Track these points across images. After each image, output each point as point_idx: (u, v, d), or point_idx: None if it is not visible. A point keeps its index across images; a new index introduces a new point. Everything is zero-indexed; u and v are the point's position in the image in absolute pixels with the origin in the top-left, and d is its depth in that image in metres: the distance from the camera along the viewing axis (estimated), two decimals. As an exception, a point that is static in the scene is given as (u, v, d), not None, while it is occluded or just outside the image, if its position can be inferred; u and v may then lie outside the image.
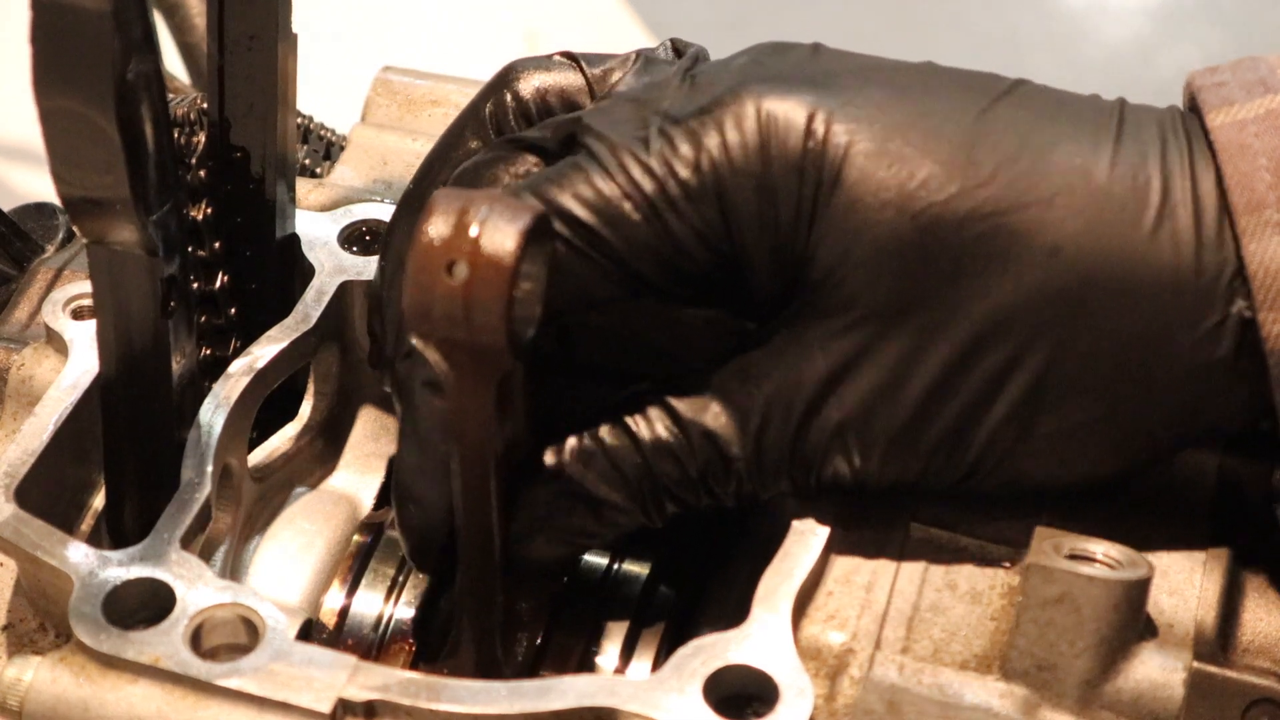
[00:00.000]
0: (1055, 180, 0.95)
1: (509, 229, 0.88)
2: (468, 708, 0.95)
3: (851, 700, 0.99)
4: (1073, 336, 0.96)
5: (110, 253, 1.01)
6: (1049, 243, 0.95)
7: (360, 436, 1.23)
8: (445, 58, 2.85)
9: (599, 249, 0.98)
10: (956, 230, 0.95)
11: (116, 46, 0.91)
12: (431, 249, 0.88)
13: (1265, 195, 0.94)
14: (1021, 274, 0.95)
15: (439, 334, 0.90)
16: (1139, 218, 0.95)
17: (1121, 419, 0.98)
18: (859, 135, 0.96)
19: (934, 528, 1.06)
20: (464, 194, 0.89)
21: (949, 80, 1.00)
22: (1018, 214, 0.95)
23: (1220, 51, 2.80)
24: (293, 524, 1.17)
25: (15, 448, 1.07)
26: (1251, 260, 0.93)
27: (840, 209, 0.95)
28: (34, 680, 0.97)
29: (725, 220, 0.97)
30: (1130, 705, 0.98)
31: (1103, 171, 0.96)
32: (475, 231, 0.87)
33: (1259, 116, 0.96)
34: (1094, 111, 0.99)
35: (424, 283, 0.88)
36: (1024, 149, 0.96)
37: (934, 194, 0.95)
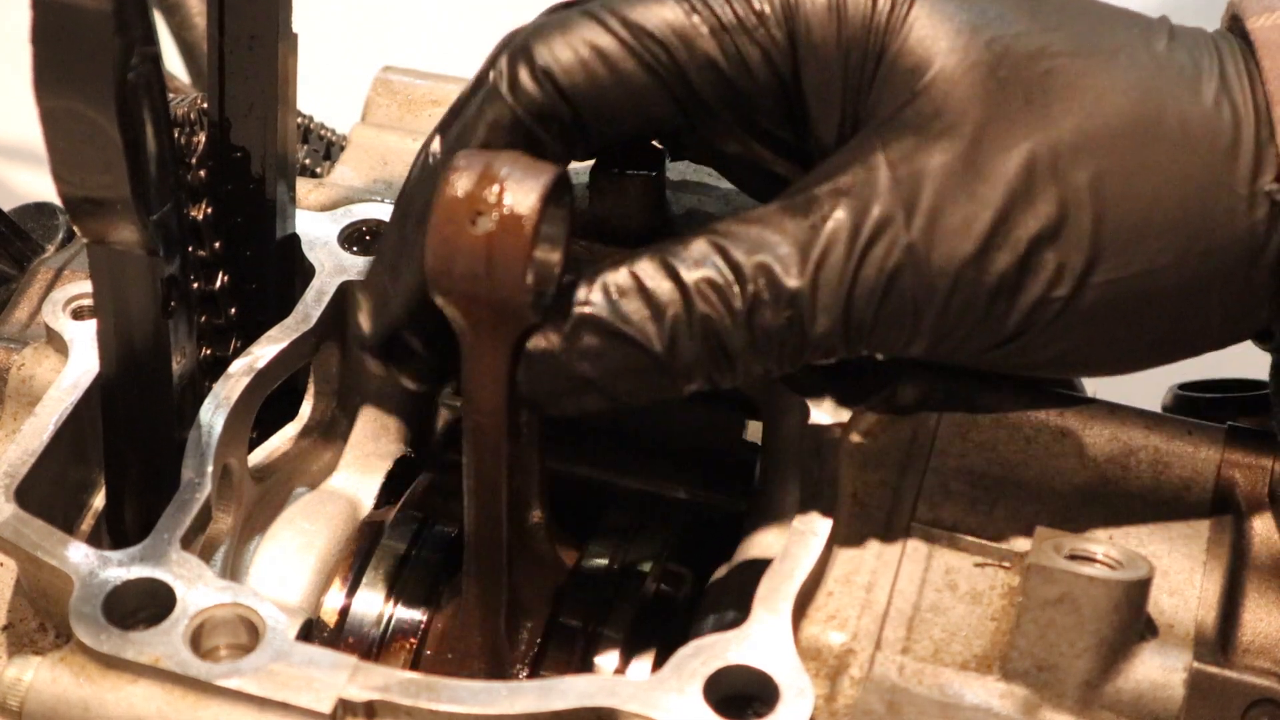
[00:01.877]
0: (1118, 41, 0.99)
1: (531, 184, 0.91)
2: (468, 708, 0.95)
3: (852, 700, 0.99)
4: (1134, 180, 0.97)
5: (111, 252, 1.01)
6: (1115, 87, 0.97)
7: (360, 436, 1.23)
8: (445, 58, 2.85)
9: (663, 64, 0.99)
10: (1026, 62, 0.97)
11: (117, 46, 0.91)
12: (456, 202, 0.91)
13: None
14: (1088, 108, 0.97)
15: (461, 288, 0.92)
16: (1198, 86, 0.98)
17: (1179, 277, 0.99)
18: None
19: (934, 528, 1.06)
20: (486, 154, 0.93)
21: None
22: (1084, 59, 0.98)
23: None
24: (293, 524, 1.17)
25: (15, 448, 1.07)
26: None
27: (912, 33, 0.97)
28: (34, 680, 0.97)
29: (793, 43, 0.99)
30: (1130, 705, 0.98)
31: (1162, 45, 0.99)
32: (498, 188, 0.91)
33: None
34: (1147, 18, 1.02)
35: (448, 235, 0.91)
36: (1088, 16, 1.00)
37: (1004, 28, 0.98)
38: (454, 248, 0.92)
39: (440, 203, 0.92)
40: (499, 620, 1.07)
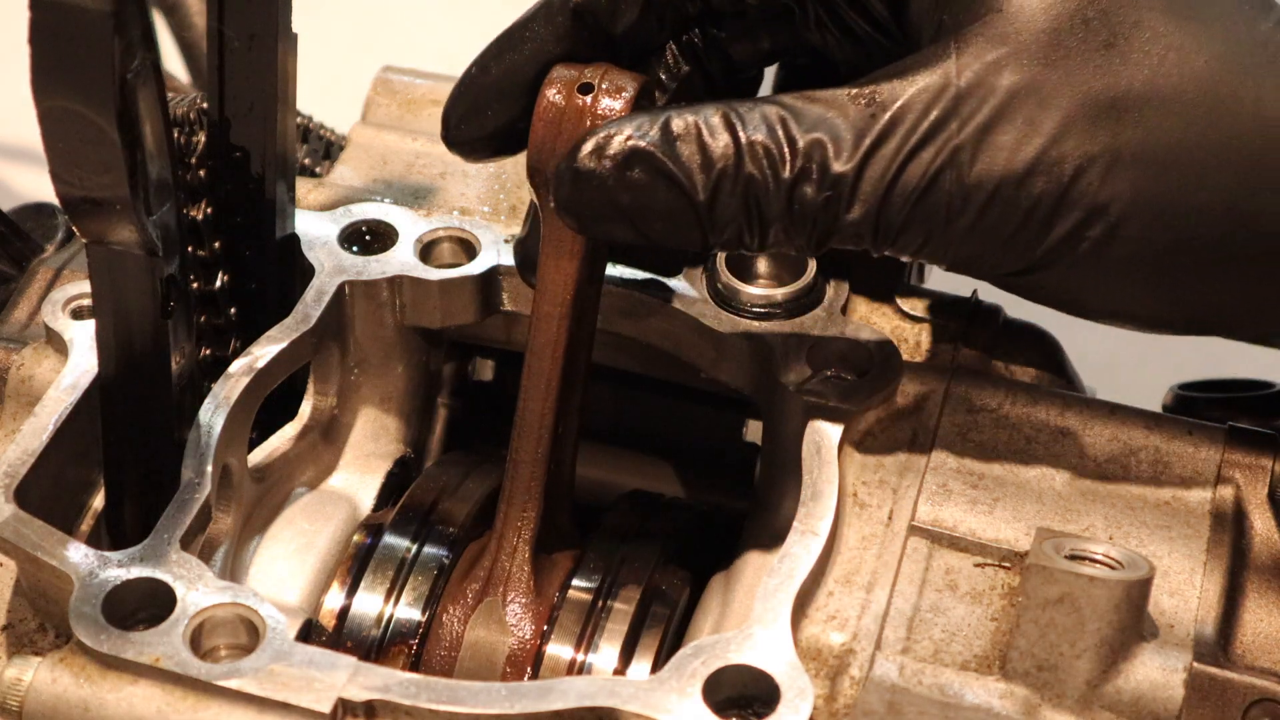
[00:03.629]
0: (1221, 10, 0.99)
1: (624, 83, 1.03)
2: (468, 708, 0.95)
3: (852, 700, 0.99)
4: (1192, 148, 0.98)
5: (110, 253, 1.01)
6: (1199, 52, 0.98)
7: (360, 436, 1.23)
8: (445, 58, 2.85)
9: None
10: (1116, 8, 0.98)
11: (117, 47, 0.91)
12: (563, 80, 1.03)
13: None
14: (1168, 69, 0.97)
15: (563, 153, 1.01)
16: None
17: (1216, 255, 0.99)
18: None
19: (934, 527, 1.06)
20: (577, 66, 1.04)
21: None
22: (1178, 20, 0.98)
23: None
24: (293, 524, 1.17)
25: (15, 448, 1.07)
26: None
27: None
28: (34, 680, 0.97)
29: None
30: (1131, 706, 0.98)
31: (1266, 26, 1.00)
32: (597, 78, 1.03)
33: None
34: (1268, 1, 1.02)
35: (555, 103, 1.03)
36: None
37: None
38: (560, 113, 1.02)
39: (547, 84, 1.03)
40: (530, 546, 1.10)
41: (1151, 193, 0.98)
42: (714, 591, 1.15)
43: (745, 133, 0.99)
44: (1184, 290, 1.01)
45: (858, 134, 0.98)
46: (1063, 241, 0.99)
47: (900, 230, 0.99)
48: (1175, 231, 0.98)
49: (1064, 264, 1.00)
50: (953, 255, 1.01)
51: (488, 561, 1.11)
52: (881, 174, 0.98)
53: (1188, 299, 1.02)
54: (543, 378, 1.09)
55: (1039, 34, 0.98)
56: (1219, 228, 0.98)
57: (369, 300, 1.19)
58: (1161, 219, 0.98)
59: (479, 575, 1.11)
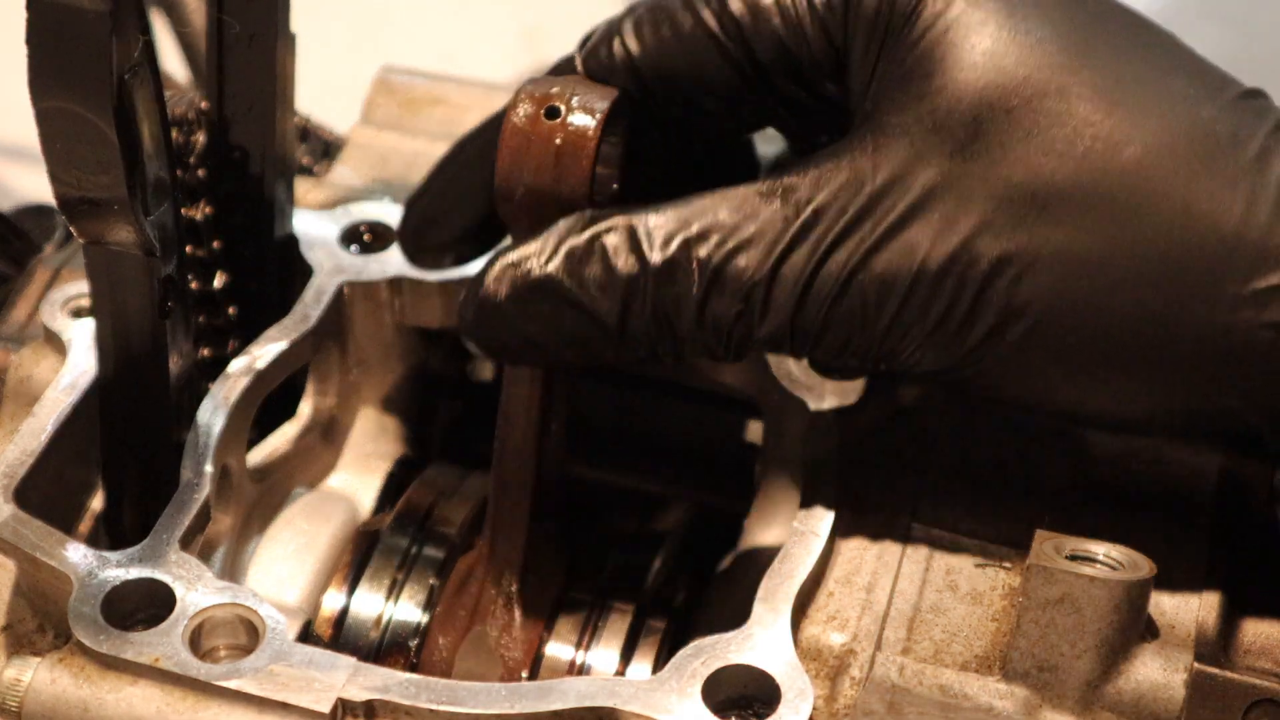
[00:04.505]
0: (1161, 96, 0.95)
1: (596, 99, 1.00)
2: (468, 708, 0.94)
3: (852, 701, 0.99)
4: (1120, 247, 0.94)
5: (107, 253, 1.00)
6: (1129, 143, 0.94)
7: (360, 436, 1.23)
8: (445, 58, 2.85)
9: (732, 35, 0.99)
10: (1044, 98, 0.94)
11: (114, 47, 0.91)
12: (530, 102, 1.00)
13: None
14: (1091, 164, 0.94)
15: (529, 183, 0.99)
16: (1227, 162, 0.94)
17: (1143, 358, 0.96)
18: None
19: (935, 528, 1.06)
20: (552, 79, 1.02)
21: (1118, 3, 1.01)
22: (1112, 107, 0.94)
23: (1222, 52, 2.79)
24: (292, 524, 1.17)
25: (14, 448, 1.07)
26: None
27: (945, 35, 0.96)
28: (33, 681, 0.97)
29: (846, 13, 0.98)
30: (1131, 706, 0.98)
31: (1211, 110, 0.96)
32: (564, 105, 1.00)
33: None
34: (1226, 78, 0.98)
35: (520, 129, 1.00)
36: (1145, 63, 0.97)
37: (1039, 57, 0.95)
38: (527, 140, 0.99)
39: (514, 104, 1.00)
40: (517, 573, 1.09)
41: (1072, 295, 0.95)
42: (714, 592, 1.15)
43: (651, 253, 0.97)
44: (1114, 391, 0.98)
45: (769, 242, 0.96)
46: (983, 341, 0.96)
47: (819, 334, 0.97)
48: (1098, 334, 0.95)
49: (986, 363, 0.97)
50: (875, 357, 0.98)
51: (475, 588, 1.10)
52: (795, 281, 0.96)
53: (1119, 400, 0.98)
54: (522, 403, 1.07)
55: (961, 124, 0.95)
56: (1142, 332, 0.95)
57: (369, 300, 1.19)
58: (1082, 321, 0.95)
59: (467, 603, 1.10)
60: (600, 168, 0.99)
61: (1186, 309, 0.94)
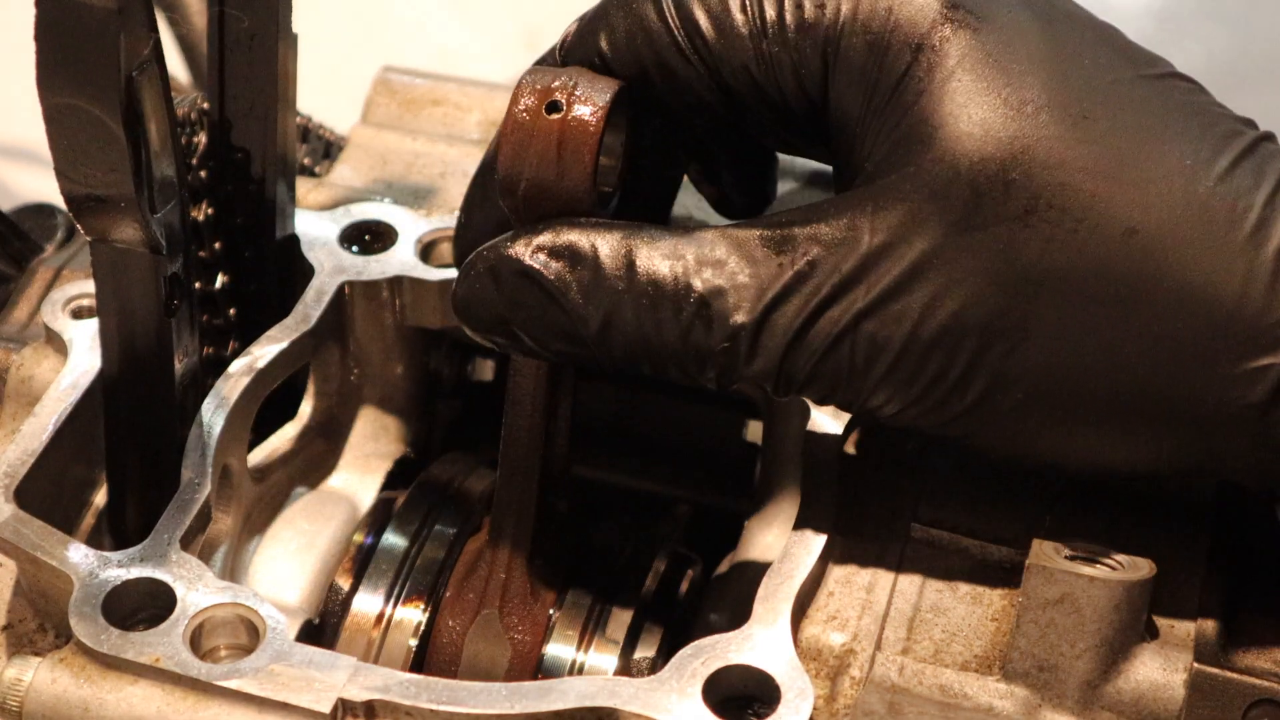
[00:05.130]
0: (1158, 170, 0.94)
1: (600, 89, 0.99)
2: (468, 708, 0.95)
3: (852, 701, 0.99)
4: (1114, 326, 0.94)
5: (114, 250, 1.01)
6: (1127, 223, 0.93)
7: (360, 436, 1.23)
8: (445, 58, 2.85)
9: (700, 56, 0.99)
10: (1044, 170, 0.93)
11: (122, 44, 0.91)
12: (530, 99, 0.98)
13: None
14: (1089, 242, 0.93)
15: (531, 177, 0.98)
16: (1223, 239, 0.93)
17: (1136, 430, 0.96)
18: (986, 43, 0.95)
19: (934, 528, 1.06)
20: (552, 69, 1.01)
21: (1109, 41, 0.99)
22: (1109, 184, 0.93)
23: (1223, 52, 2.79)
24: (293, 524, 1.17)
25: (15, 448, 1.07)
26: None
27: (939, 101, 0.94)
28: (34, 681, 0.97)
29: (825, 66, 0.97)
30: (1131, 706, 0.98)
31: (1207, 182, 0.94)
32: (567, 93, 0.98)
33: None
34: (1229, 129, 0.97)
35: (523, 122, 0.98)
36: (1142, 130, 0.95)
37: (1037, 128, 0.94)
38: (529, 133, 0.98)
39: (515, 97, 0.99)
40: (525, 555, 1.09)
41: (1065, 368, 0.94)
42: (714, 591, 1.15)
43: (643, 270, 0.97)
44: (1103, 451, 0.98)
45: (761, 287, 0.96)
46: (971, 407, 0.96)
47: (804, 383, 0.97)
48: (1089, 404, 0.95)
49: (985, 425, 0.97)
50: (860, 408, 0.98)
51: (484, 571, 1.10)
52: (784, 331, 0.96)
53: (1108, 459, 0.98)
54: (529, 386, 1.07)
55: (959, 195, 0.94)
56: (1133, 404, 0.95)
57: (369, 300, 1.20)
58: (1074, 393, 0.95)
59: (476, 585, 1.10)
60: (604, 159, 0.99)
61: (1179, 385, 0.94)
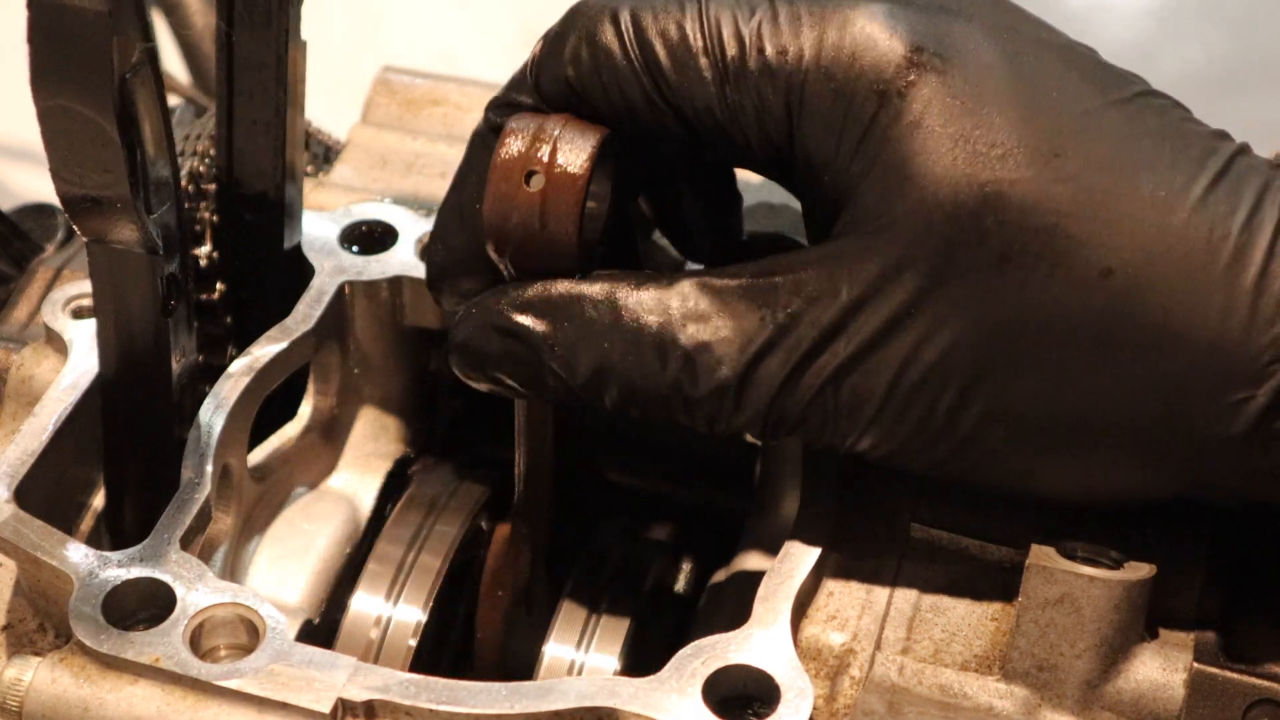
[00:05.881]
0: (1133, 205, 0.93)
1: (582, 144, 0.97)
2: (468, 708, 0.95)
3: (852, 701, 0.99)
4: (1095, 367, 0.94)
5: (110, 251, 1.01)
6: (1104, 264, 0.92)
7: (360, 436, 1.23)
8: (445, 58, 2.85)
9: (663, 90, 0.97)
10: (1018, 215, 0.93)
11: (114, 45, 0.91)
12: (511, 161, 0.97)
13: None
14: (1066, 285, 0.93)
15: (515, 241, 0.98)
16: (1201, 272, 0.92)
17: (1121, 462, 0.96)
18: (952, 86, 0.94)
19: (934, 528, 1.06)
20: (538, 116, 0.99)
21: (1078, 67, 0.97)
22: (1084, 224, 0.92)
23: (1223, 52, 2.80)
24: (293, 524, 1.17)
25: (15, 448, 1.07)
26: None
27: (910, 149, 0.93)
28: (34, 680, 0.97)
29: (789, 112, 0.96)
30: (1131, 706, 0.98)
31: (1183, 213, 0.93)
32: (550, 147, 0.97)
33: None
34: (1204, 149, 0.95)
35: (504, 192, 0.97)
36: (1115, 164, 0.93)
37: (1008, 171, 0.93)
38: (510, 204, 0.97)
39: (496, 163, 0.98)
40: (543, 554, 1.10)
41: (1050, 407, 0.94)
42: (714, 591, 1.15)
43: (630, 322, 0.97)
44: (1089, 482, 0.98)
45: (744, 341, 0.96)
46: (957, 447, 0.96)
47: (793, 428, 0.98)
48: (1075, 439, 0.95)
49: (970, 463, 0.97)
50: (848, 451, 0.99)
51: (508, 576, 1.11)
52: (768, 384, 0.96)
53: (1095, 489, 0.99)
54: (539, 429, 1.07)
55: (933, 245, 0.93)
56: (1120, 438, 0.95)
57: (369, 300, 1.20)
58: (1060, 429, 0.95)
59: (504, 580, 1.12)
60: (590, 203, 0.98)
61: (1162, 419, 0.94)
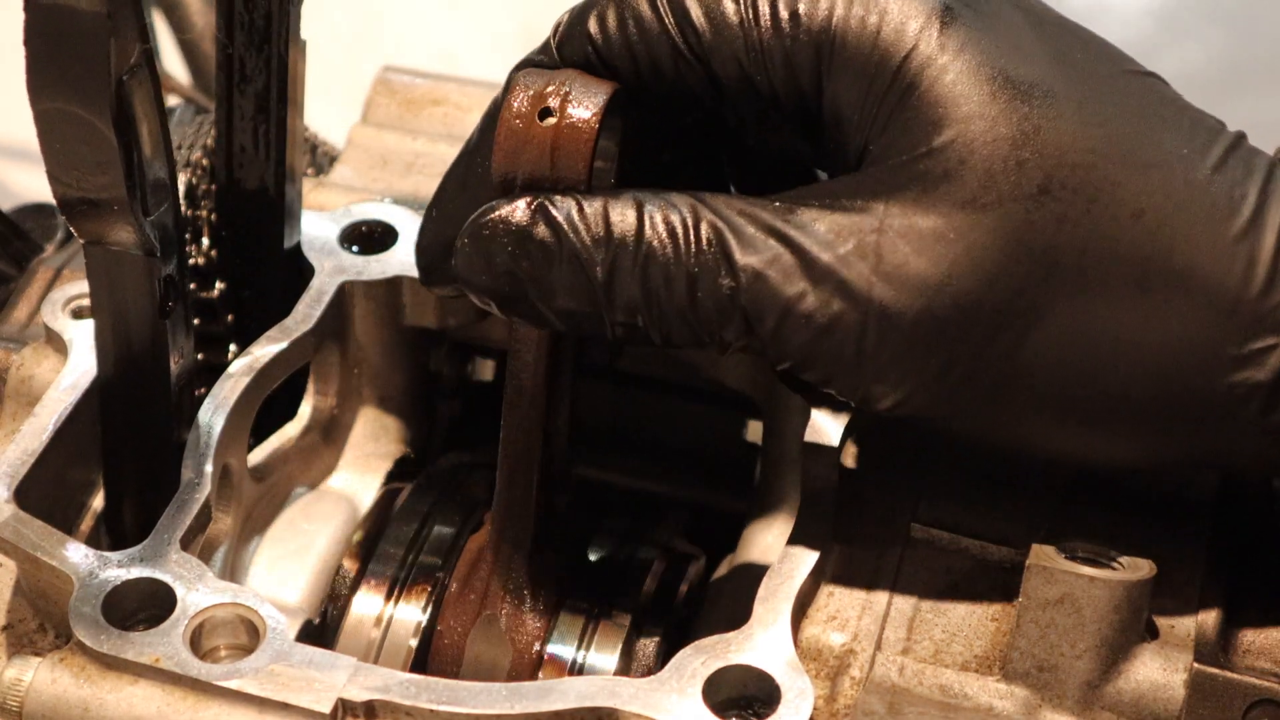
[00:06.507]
0: (1159, 154, 0.95)
1: (594, 92, 0.98)
2: (468, 708, 0.95)
3: (852, 701, 0.99)
4: (1124, 308, 0.94)
5: (107, 253, 1.01)
6: (1137, 205, 0.94)
7: (360, 436, 1.23)
8: (445, 58, 2.85)
9: (690, 45, 0.98)
10: (1055, 150, 0.94)
11: (112, 47, 0.91)
12: (524, 102, 0.97)
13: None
14: (1102, 222, 0.94)
15: (525, 181, 0.97)
16: (1225, 223, 0.94)
17: (1145, 418, 0.97)
18: (985, 32, 0.95)
19: (934, 528, 1.06)
20: (546, 70, 0.99)
21: (1094, 41, 1.00)
22: (1116, 166, 0.94)
23: (1223, 52, 2.80)
24: (293, 524, 1.17)
25: (15, 448, 1.07)
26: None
27: (948, 84, 0.94)
28: (34, 681, 0.97)
29: (818, 55, 0.96)
30: (1131, 706, 0.98)
31: (1205, 170, 0.95)
32: (561, 97, 0.97)
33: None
34: (1213, 125, 0.98)
35: (515, 129, 0.97)
36: (1141, 118, 0.96)
37: (1044, 109, 0.94)
38: (522, 140, 0.97)
39: (509, 102, 0.98)
40: (525, 557, 1.08)
41: (1075, 355, 0.95)
42: (714, 592, 1.15)
43: (650, 215, 0.96)
44: (1118, 443, 0.98)
45: (766, 236, 0.95)
46: (986, 396, 0.96)
47: (805, 357, 0.96)
48: (1098, 392, 0.95)
49: (991, 416, 0.97)
50: (864, 395, 0.97)
51: (484, 571, 1.10)
52: None
53: (1121, 450, 0.99)
54: (527, 411, 1.06)
55: (971, 175, 0.93)
56: (1143, 390, 0.95)
57: (369, 300, 1.20)
58: (1088, 381, 0.95)
59: (477, 586, 1.10)
60: (598, 162, 0.98)
61: (1187, 368, 0.95)
